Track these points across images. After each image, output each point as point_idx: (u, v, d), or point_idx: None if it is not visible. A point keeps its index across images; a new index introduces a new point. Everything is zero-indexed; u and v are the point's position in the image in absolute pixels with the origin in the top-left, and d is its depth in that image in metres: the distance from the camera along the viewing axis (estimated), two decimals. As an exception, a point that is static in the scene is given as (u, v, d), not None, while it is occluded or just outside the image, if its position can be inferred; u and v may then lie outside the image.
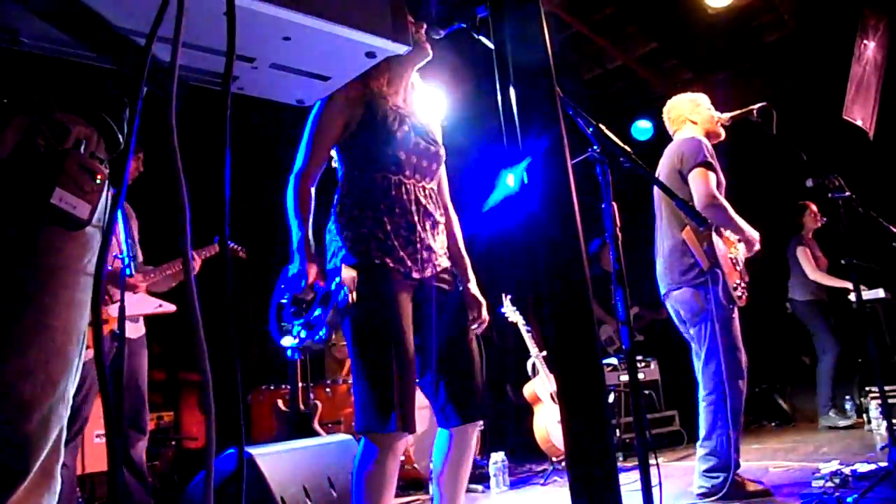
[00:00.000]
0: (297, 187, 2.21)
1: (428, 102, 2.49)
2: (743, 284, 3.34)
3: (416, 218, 2.23)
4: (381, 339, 2.10)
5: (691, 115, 3.59)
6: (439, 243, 2.32)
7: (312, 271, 2.11)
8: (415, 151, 2.27)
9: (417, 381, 2.22)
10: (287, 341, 2.10)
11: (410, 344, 2.14)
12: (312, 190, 2.23)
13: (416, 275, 2.21)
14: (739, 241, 3.45)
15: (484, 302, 2.49)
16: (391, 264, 2.15)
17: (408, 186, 2.24)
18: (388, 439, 2.06)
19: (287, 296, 2.14)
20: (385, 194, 2.20)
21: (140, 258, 3.75)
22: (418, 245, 2.22)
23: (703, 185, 3.27)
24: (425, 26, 2.22)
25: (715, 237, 3.26)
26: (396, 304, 2.13)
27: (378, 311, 2.12)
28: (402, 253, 2.18)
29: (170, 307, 3.62)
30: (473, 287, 2.48)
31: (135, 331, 3.52)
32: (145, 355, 3.60)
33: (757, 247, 3.47)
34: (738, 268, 3.35)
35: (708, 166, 3.31)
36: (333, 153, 2.33)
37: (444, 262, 2.34)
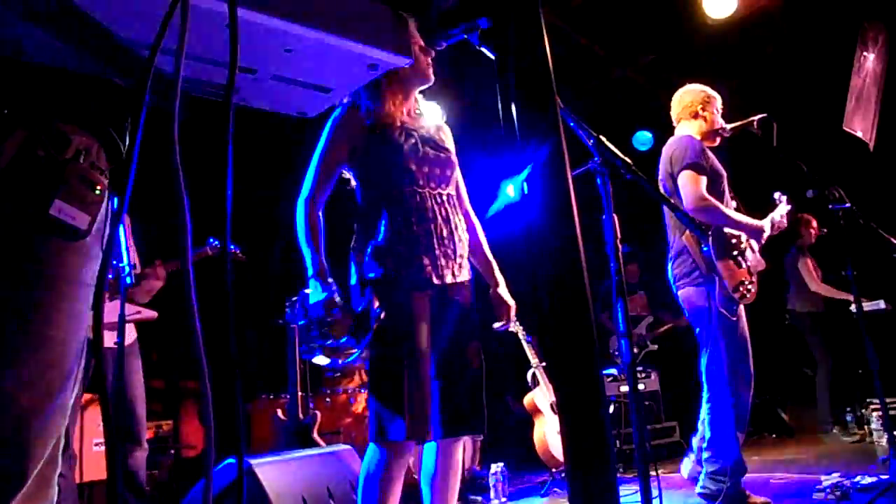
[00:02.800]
0: (307, 213, 2.26)
1: (432, 112, 2.55)
2: (750, 280, 3.30)
3: (433, 226, 2.28)
4: (397, 350, 2.14)
5: (703, 111, 3.56)
6: (458, 251, 2.35)
7: (332, 301, 2.15)
8: (425, 161, 2.33)
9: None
10: (320, 360, 2.15)
11: (426, 354, 2.19)
12: (320, 214, 2.30)
13: (436, 281, 2.25)
14: (749, 235, 3.42)
15: (513, 304, 2.57)
16: (411, 276, 2.20)
17: (423, 195, 2.29)
18: (397, 446, 2.12)
19: (310, 320, 2.17)
20: (401, 206, 2.25)
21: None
22: (437, 252, 2.26)
23: (691, 187, 3.26)
24: (434, 54, 2.27)
25: (713, 239, 3.27)
26: (414, 316, 2.18)
27: (396, 323, 2.17)
28: (421, 261, 2.23)
29: (149, 313, 3.49)
30: (503, 289, 2.56)
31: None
32: (136, 365, 3.49)
33: (766, 233, 3.42)
34: (744, 265, 3.32)
35: (696, 168, 3.29)
36: (348, 175, 2.39)
37: (464, 275, 2.37)
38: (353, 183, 2.38)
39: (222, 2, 0.84)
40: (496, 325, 2.51)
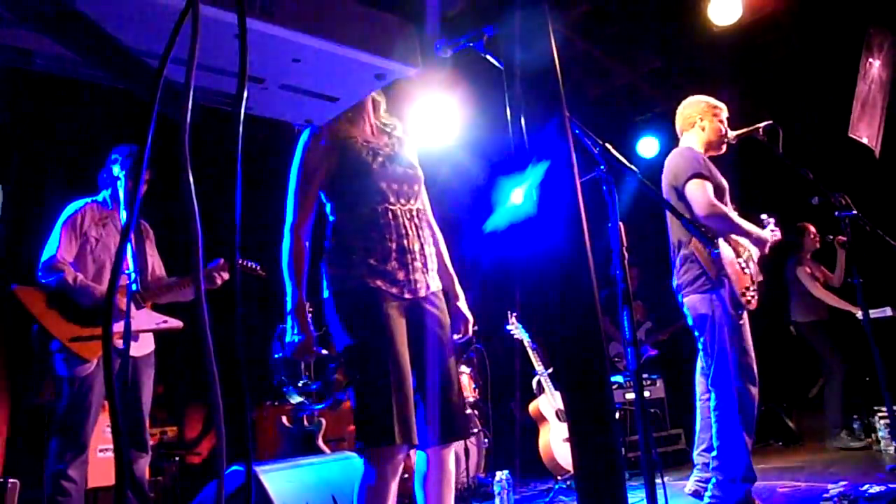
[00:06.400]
0: (291, 242, 2.30)
1: (397, 126, 2.56)
2: (753, 288, 3.32)
3: (406, 241, 2.33)
4: (377, 359, 2.16)
5: (702, 121, 3.58)
6: (430, 264, 2.43)
7: (306, 345, 2.19)
8: (394, 178, 2.38)
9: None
10: (292, 398, 2.17)
11: (406, 361, 2.21)
12: (307, 244, 2.33)
13: (408, 295, 2.30)
14: (753, 243, 3.43)
15: (471, 318, 2.61)
16: (384, 286, 2.24)
17: (395, 212, 2.34)
18: (388, 453, 2.12)
19: (285, 358, 2.19)
20: (374, 225, 2.29)
21: (160, 272, 3.73)
22: (410, 267, 2.31)
23: (700, 195, 3.28)
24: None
25: (722, 244, 3.27)
26: (390, 325, 2.21)
27: (374, 333, 2.19)
28: (396, 275, 2.28)
29: (176, 323, 3.54)
30: (462, 303, 2.60)
31: (138, 349, 3.43)
32: (150, 374, 3.52)
33: (769, 245, 3.45)
34: (747, 272, 3.33)
35: (701, 176, 3.32)
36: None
37: (436, 285, 2.44)
38: (326, 200, 2.41)
39: (231, 12, 0.84)
40: (455, 336, 2.53)
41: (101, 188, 3.57)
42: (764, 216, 3.60)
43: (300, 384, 2.16)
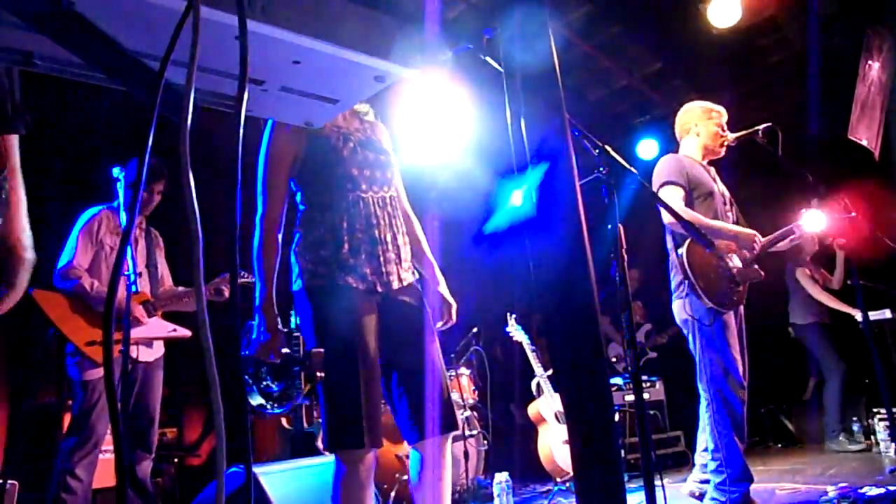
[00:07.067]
0: (262, 234, 2.21)
1: (368, 111, 2.48)
2: (740, 288, 3.32)
3: (376, 232, 2.25)
4: (346, 358, 2.10)
5: (697, 126, 3.61)
6: (404, 254, 2.34)
7: (271, 344, 2.12)
8: (364, 165, 2.29)
9: (384, 396, 2.25)
10: (253, 399, 2.13)
11: (376, 361, 2.15)
12: (279, 236, 2.24)
13: (380, 289, 2.22)
14: (738, 246, 3.43)
15: (454, 304, 2.53)
16: (353, 283, 2.17)
17: (365, 200, 2.26)
18: (357, 455, 2.07)
19: (249, 357, 2.15)
20: (343, 213, 2.22)
21: (169, 282, 3.78)
22: (381, 259, 2.24)
23: (668, 202, 3.31)
24: None
25: (687, 250, 3.27)
26: (360, 323, 2.14)
27: (343, 331, 2.12)
28: (365, 269, 2.20)
29: (185, 332, 3.60)
30: (443, 288, 2.52)
31: (149, 354, 3.53)
32: (160, 377, 3.59)
33: (757, 244, 3.44)
34: (728, 273, 3.32)
35: (672, 184, 3.38)
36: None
37: (410, 277, 2.35)
38: (295, 189, 2.33)
39: (232, 14, 0.84)
40: (438, 324, 2.45)
41: (115, 195, 3.59)
42: (803, 211, 3.62)
43: (262, 385, 2.11)
